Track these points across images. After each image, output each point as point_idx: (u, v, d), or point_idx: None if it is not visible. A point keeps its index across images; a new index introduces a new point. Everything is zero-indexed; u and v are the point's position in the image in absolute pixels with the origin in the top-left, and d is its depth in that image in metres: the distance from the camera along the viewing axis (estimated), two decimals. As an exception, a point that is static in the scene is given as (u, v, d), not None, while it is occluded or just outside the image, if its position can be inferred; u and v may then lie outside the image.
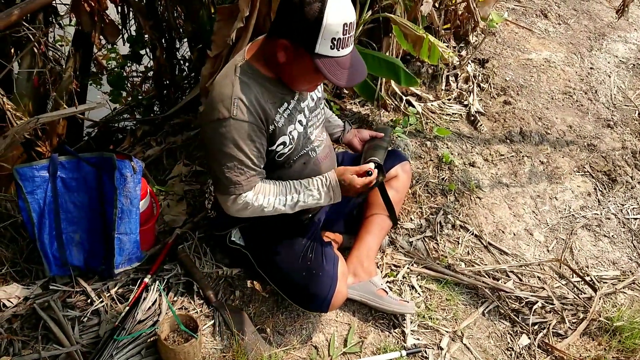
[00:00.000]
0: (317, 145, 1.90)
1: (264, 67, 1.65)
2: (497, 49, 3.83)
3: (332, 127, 2.23)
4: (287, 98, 1.72)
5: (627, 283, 2.53)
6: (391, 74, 2.86)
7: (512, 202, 2.78)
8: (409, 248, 2.46)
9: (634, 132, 3.46)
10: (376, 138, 2.18)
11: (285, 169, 1.82)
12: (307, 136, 1.84)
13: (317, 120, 1.89)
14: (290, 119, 1.73)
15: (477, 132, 3.12)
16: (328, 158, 1.96)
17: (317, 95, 1.88)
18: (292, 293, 1.98)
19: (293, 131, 1.75)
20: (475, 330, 2.21)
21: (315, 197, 1.78)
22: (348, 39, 1.51)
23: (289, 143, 1.74)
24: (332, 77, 1.51)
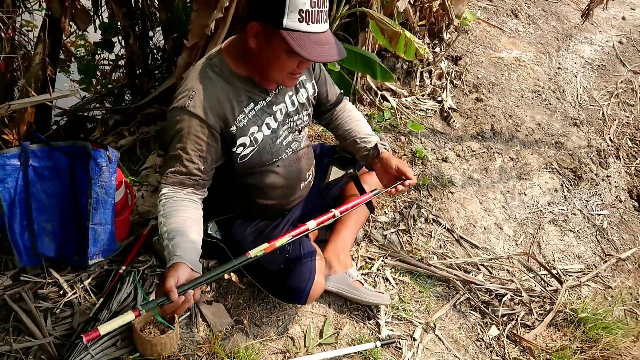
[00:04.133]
0: (294, 149, 1.86)
1: (236, 63, 1.62)
2: (470, 46, 3.90)
3: (357, 148, 1.99)
4: (256, 98, 1.68)
5: (591, 276, 2.63)
6: (367, 68, 2.88)
7: (482, 197, 2.85)
8: (383, 241, 2.50)
9: (598, 131, 3.58)
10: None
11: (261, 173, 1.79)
12: (278, 141, 1.78)
13: (295, 126, 1.85)
14: (255, 120, 1.68)
15: (449, 128, 3.18)
16: (304, 158, 1.95)
17: (300, 100, 1.83)
18: (270, 286, 1.99)
19: (256, 133, 1.69)
20: (447, 321, 2.26)
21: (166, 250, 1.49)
22: (318, 14, 1.43)
23: (250, 145, 1.69)
24: (300, 49, 1.42)
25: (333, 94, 2.01)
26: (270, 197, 1.91)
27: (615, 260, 2.75)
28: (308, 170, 1.99)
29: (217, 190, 1.74)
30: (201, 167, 1.60)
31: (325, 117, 2.06)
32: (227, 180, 1.80)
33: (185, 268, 1.37)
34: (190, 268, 1.38)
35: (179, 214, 1.53)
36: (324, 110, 2.02)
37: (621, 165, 3.41)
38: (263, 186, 1.85)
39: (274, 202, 1.93)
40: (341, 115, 2.06)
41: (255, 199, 1.90)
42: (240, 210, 1.96)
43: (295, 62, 1.54)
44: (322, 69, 1.95)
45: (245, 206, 1.93)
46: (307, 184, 2.02)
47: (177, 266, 1.36)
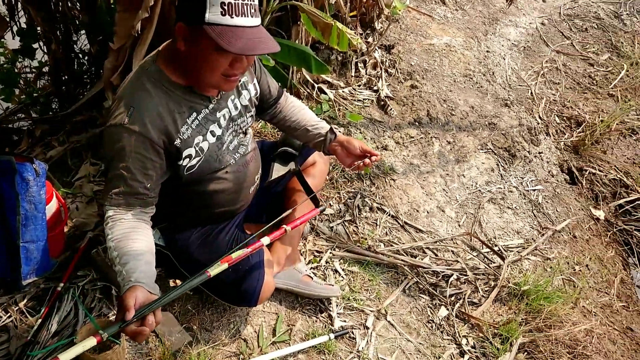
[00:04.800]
0: (241, 153, 1.82)
1: (175, 72, 1.55)
2: (402, 35, 3.96)
3: (311, 136, 2.00)
4: (198, 107, 1.62)
5: (530, 250, 2.74)
6: (302, 62, 2.87)
7: (424, 182, 2.91)
8: (330, 233, 2.51)
9: (528, 109, 3.73)
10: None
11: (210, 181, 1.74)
12: (224, 147, 1.73)
13: (239, 129, 1.80)
14: (199, 130, 1.62)
15: (387, 116, 3.22)
16: (252, 161, 1.91)
17: (243, 102, 1.78)
18: (219, 290, 1.94)
19: (202, 143, 1.64)
20: (398, 307, 2.30)
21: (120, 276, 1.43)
22: (243, 7, 1.38)
23: (196, 155, 1.63)
24: (225, 43, 1.37)
25: (274, 89, 1.98)
26: (220, 204, 1.86)
27: (551, 232, 2.88)
28: (256, 173, 1.95)
29: (162, 202, 1.67)
30: (147, 184, 1.52)
31: (268, 112, 2.03)
32: (173, 193, 1.73)
33: (142, 290, 1.32)
34: (147, 290, 1.34)
35: (130, 237, 1.46)
36: (267, 106, 1.99)
37: (551, 141, 3.57)
38: (212, 194, 1.80)
39: (223, 209, 1.89)
40: (285, 108, 2.03)
41: (204, 208, 1.84)
42: (187, 220, 1.90)
43: (227, 61, 1.47)
44: (261, 66, 1.91)
45: (193, 215, 1.88)
46: (256, 187, 1.99)
47: (134, 289, 1.32)
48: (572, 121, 3.93)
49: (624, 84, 4.65)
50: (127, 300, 1.28)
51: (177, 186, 1.70)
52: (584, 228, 3.07)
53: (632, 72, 4.81)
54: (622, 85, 4.63)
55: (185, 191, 1.75)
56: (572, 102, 4.14)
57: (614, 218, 3.35)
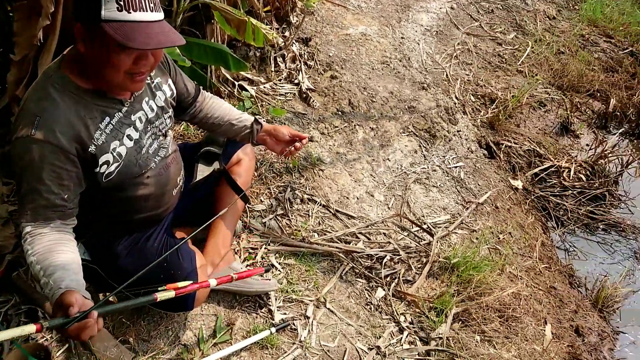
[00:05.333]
0: (162, 156, 1.79)
1: (80, 77, 1.49)
2: (318, 27, 4.00)
3: (237, 130, 2.03)
4: (111, 111, 1.56)
5: (457, 224, 2.86)
6: (219, 60, 2.85)
7: (351, 169, 2.97)
8: (263, 229, 2.51)
9: (444, 91, 3.88)
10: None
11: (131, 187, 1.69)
12: (144, 151, 1.69)
13: (158, 131, 1.76)
14: (115, 134, 1.57)
15: (310, 108, 3.25)
16: (174, 163, 1.88)
17: (159, 104, 1.74)
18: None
19: (118, 148, 1.58)
20: (336, 293, 2.35)
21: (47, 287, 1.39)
22: (141, 1, 1.35)
23: (114, 161, 1.58)
24: (123, 39, 1.33)
25: (191, 87, 1.96)
26: (143, 210, 1.81)
27: (475, 205, 3.03)
28: (178, 175, 1.92)
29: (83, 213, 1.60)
30: (64, 196, 1.46)
31: (188, 112, 2.00)
32: (94, 202, 1.66)
33: (78, 293, 1.28)
34: (83, 296, 1.30)
35: (53, 249, 1.40)
36: (186, 105, 1.96)
37: (468, 119, 3.74)
38: (134, 200, 1.75)
39: (147, 214, 1.84)
40: (205, 106, 2.01)
41: (128, 215, 1.79)
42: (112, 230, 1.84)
43: (129, 58, 1.43)
44: (175, 66, 1.88)
45: (117, 224, 1.82)
46: (179, 189, 1.96)
47: (70, 292, 1.27)
48: (486, 99, 4.13)
49: (531, 60, 4.94)
50: (67, 298, 1.23)
51: (98, 195, 1.64)
52: (504, 198, 3.25)
53: (536, 48, 5.11)
54: (529, 61, 4.91)
55: (106, 199, 1.70)
56: (484, 81, 4.35)
57: (531, 186, 3.56)
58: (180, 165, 1.94)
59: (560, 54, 5.22)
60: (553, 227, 3.40)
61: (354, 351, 2.13)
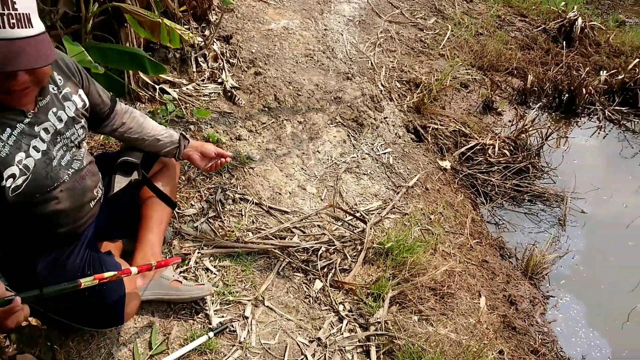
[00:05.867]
0: (76, 168, 1.71)
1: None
2: (239, 23, 3.96)
3: (162, 145, 2.04)
4: (12, 123, 1.49)
5: (389, 209, 2.92)
6: (136, 65, 2.77)
7: (282, 165, 2.97)
8: (195, 233, 2.47)
9: (370, 79, 3.94)
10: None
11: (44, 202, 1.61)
12: (55, 163, 1.61)
13: (70, 142, 1.69)
14: (19, 146, 1.50)
15: (236, 106, 3.22)
16: (89, 175, 1.80)
17: (69, 114, 1.66)
18: (80, 318, 1.83)
19: (25, 160, 1.51)
20: (274, 290, 2.34)
21: None
22: (5, 18, 1.28)
23: (21, 174, 1.50)
24: None
25: (107, 98, 1.89)
26: (59, 225, 1.73)
27: (405, 189, 3.10)
28: (95, 187, 1.84)
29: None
30: None
31: (106, 125, 1.93)
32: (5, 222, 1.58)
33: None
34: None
35: None
36: (102, 117, 1.89)
37: (394, 105, 3.81)
38: (49, 216, 1.67)
39: (64, 230, 1.76)
40: (125, 120, 1.95)
41: (45, 232, 1.71)
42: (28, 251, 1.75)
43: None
44: (87, 76, 1.80)
45: (33, 243, 1.73)
46: (97, 202, 1.89)
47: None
48: (411, 84, 4.23)
49: (451, 43, 5.09)
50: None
51: (8, 213, 1.56)
52: (433, 180, 3.34)
53: (456, 31, 5.27)
54: (450, 44, 5.06)
55: (19, 217, 1.61)
56: (409, 67, 4.44)
57: (459, 165, 3.68)
58: (97, 177, 1.87)
59: (479, 35, 5.41)
60: (482, 203, 3.53)
61: (295, 346, 2.14)
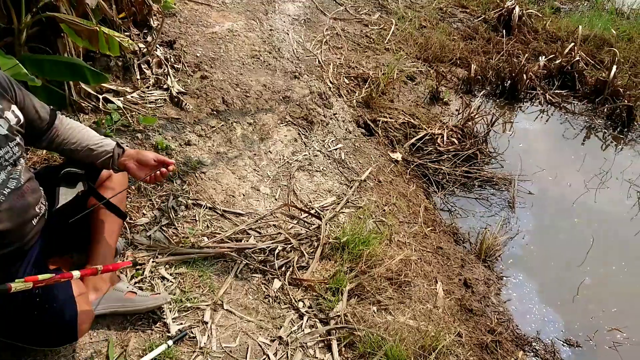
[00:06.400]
0: (13, 187, 1.65)
1: None
2: (182, 28, 3.91)
3: (96, 155, 1.91)
4: None
5: (343, 204, 2.96)
6: (76, 75, 2.70)
7: (234, 167, 2.96)
8: (149, 242, 2.44)
9: (318, 77, 3.97)
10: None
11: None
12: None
13: (4, 161, 1.63)
14: None
15: (184, 112, 3.19)
16: (29, 192, 1.75)
17: (2, 132, 1.61)
18: (31, 338, 1.78)
19: None
20: (233, 293, 2.34)
21: None
22: None
23: None
24: None
25: (45, 113, 1.83)
26: (2, 246, 1.68)
27: (358, 183, 3.14)
28: (37, 204, 1.78)
29: None
30: None
31: (43, 139, 1.87)
32: None
33: None
34: None
35: None
36: (39, 132, 1.84)
37: (343, 101, 3.85)
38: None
39: (8, 250, 1.71)
40: (62, 132, 1.89)
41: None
42: None
43: None
44: (21, 90, 1.74)
45: None
46: (41, 218, 1.83)
47: None
48: (359, 79, 4.28)
49: (396, 37, 5.18)
50: None
51: None
52: (386, 172, 3.40)
53: (400, 25, 5.37)
54: (395, 38, 5.16)
55: None
56: (356, 62, 4.50)
57: (410, 156, 3.76)
58: (39, 194, 1.81)
59: (422, 28, 5.53)
60: (434, 192, 3.62)
61: (257, 346, 2.14)
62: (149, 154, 1.96)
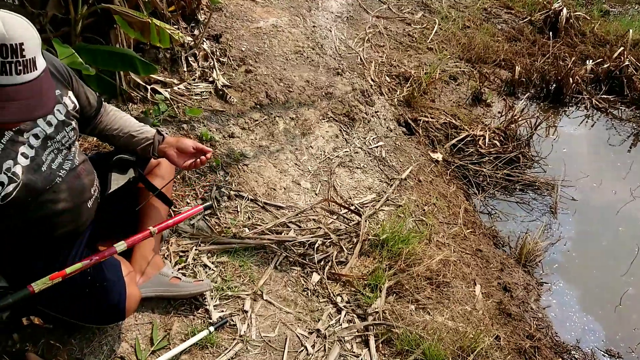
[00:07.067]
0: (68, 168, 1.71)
1: None
2: (228, 22, 3.97)
3: (137, 142, 1.96)
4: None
5: (383, 202, 2.95)
6: (126, 65, 2.78)
7: (275, 161, 2.99)
8: (192, 231, 2.49)
9: (360, 74, 3.97)
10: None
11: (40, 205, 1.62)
12: (45, 167, 1.62)
13: (60, 146, 1.69)
14: (7, 153, 1.51)
15: (228, 105, 3.23)
16: (84, 174, 1.80)
17: (59, 118, 1.67)
18: (81, 315, 1.85)
19: (13, 167, 1.52)
20: (272, 284, 2.37)
21: None
22: (5, 65, 1.32)
23: (10, 182, 1.51)
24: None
25: (94, 100, 1.90)
26: (59, 226, 1.74)
27: (398, 181, 3.13)
28: (92, 186, 1.85)
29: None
30: None
31: (90, 125, 1.94)
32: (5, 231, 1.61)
33: None
34: None
35: None
36: (89, 118, 1.90)
37: (385, 99, 3.84)
38: (49, 217, 1.67)
39: (64, 230, 1.77)
40: (105, 118, 1.96)
41: (45, 233, 1.72)
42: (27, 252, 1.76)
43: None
44: (76, 78, 1.81)
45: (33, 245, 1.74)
46: (95, 200, 1.89)
47: None
48: (400, 78, 4.26)
49: (439, 37, 5.13)
50: None
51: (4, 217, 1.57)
52: (426, 172, 3.38)
53: (443, 25, 5.32)
54: (437, 38, 5.11)
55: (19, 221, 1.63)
56: (398, 61, 4.48)
57: (450, 157, 3.72)
58: (93, 176, 1.87)
59: (466, 28, 5.45)
60: (474, 193, 3.58)
61: (295, 337, 2.16)
62: (188, 141, 2.00)
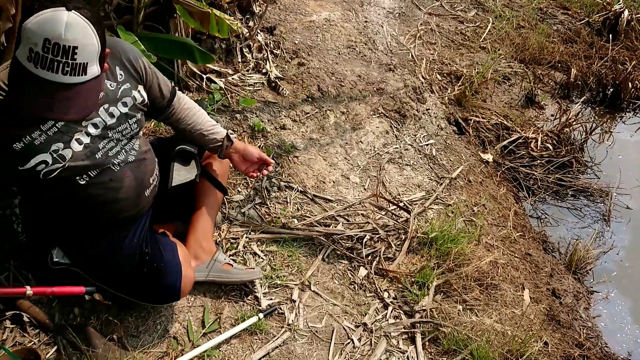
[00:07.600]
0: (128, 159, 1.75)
1: None
2: (281, 15, 4.00)
3: (207, 141, 2.05)
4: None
5: (432, 200, 2.93)
6: (185, 54, 2.84)
7: (325, 154, 3.00)
8: (243, 219, 2.53)
9: (411, 71, 3.93)
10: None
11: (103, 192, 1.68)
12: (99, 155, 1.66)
13: (121, 136, 1.73)
14: (58, 137, 1.56)
15: (280, 96, 3.27)
16: (145, 162, 1.83)
17: (122, 110, 1.71)
18: (138, 293, 1.91)
19: (62, 150, 1.57)
20: (320, 276, 2.38)
21: None
22: (54, 62, 1.35)
23: (54, 162, 1.56)
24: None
25: (167, 90, 1.93)
26: (117, 213, 1.77)
27: (448, 180, 3.10)
28: (151, 175, 1.88)
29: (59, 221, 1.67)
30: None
31: (161, 115, 1.98)
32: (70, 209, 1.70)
33: None
34: None
35: None
36: (161, 108, 1.94)
37: (436, 97, 3.80)
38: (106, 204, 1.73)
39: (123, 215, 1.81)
40: (178, 111, 1.99)
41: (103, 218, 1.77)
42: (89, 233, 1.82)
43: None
44: (152, 72, 1.84)
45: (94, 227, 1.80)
46: (153, 189, 1.93)
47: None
48: (452, 76, 4.20)
49: (492, 36, 5.03)
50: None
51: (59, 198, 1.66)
52: (476, 172, 3.33)
53: (497, 24, 5.20)
54: (491, 37, 5.00)
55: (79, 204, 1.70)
56: (449, 59, 4.41)
57: (501, 159, 3.65)
58: (154, 165, 1.90)
59: (520, 28, 5.32)
60: (524, 197, 3.50)
61: (342, 330, 2.18)
62: (254, 151, 2.10)
